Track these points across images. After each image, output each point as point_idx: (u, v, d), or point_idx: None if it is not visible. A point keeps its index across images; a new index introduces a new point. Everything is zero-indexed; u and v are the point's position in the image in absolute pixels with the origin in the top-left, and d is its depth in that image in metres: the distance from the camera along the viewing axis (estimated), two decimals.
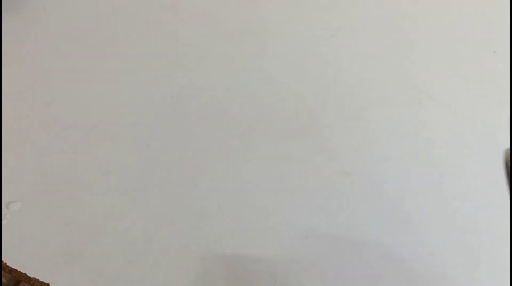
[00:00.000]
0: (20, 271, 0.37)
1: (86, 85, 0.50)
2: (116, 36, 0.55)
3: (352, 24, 0.57)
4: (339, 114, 0.48)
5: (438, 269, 0.38)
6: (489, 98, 0.49)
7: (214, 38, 0.55)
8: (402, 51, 0.54)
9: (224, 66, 0.52)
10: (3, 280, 0.37)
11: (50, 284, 0.37)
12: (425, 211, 0.41)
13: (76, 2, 0.59)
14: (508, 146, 0.23)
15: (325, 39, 0.55)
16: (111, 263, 0.38)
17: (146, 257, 0.39)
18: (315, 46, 0.55)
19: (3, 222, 0.40)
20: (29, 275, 0.37)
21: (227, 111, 0.48)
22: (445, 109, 0.48)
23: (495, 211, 0.41)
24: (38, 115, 0.47)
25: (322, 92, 0.50)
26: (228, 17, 0.57)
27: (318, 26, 0.57)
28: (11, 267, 0.38)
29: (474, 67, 0.52)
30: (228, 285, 0.37)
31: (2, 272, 0.37)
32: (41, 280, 0.37)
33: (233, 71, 0.52)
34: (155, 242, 0.39)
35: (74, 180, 0.43)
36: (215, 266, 0.38)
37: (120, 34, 0.55)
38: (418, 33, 0.56)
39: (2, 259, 0.38)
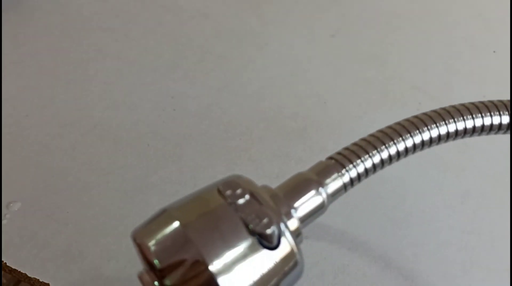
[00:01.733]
0: (20, 271, 0.37)
1: (85, 85, 0.50)
2: (116, 36, 0.55)
3: (352, 23, 0.57)
4: (339, 114, 0.48)
5: (438, 269, 0.38)
6: (489, 98, 0.49)
7: (213, 38, 0.55)
8: (402, 50, 0.54)
9: (223, 66, 0.52)
10: (3, 280, 0.37)
11: (50, 284, 0.37)
12: (425, 211, 0.41)
13: (76, 2, 0.59)
14: None
15: (325, 39, 0.55)
16: (111, 263, 0.38)
17: None
18: (315, 45, 0.55)
19: (2, 222, 0.40)
20: (29, 275, 0.37)
21: (227, 111, 0.48)
22: None
23: (495, 211, 0.41)
24: (37, 115, 0.47)
25: (322, 92, 0.50)
26: (227, 16, 0.57)
27: (318, 25, 0.57)
28: (11, 267, 0.37)
29: (474, 67, 0.52)
30: None
31: (2, 272, 0.37)
32: (41, 280, 0.37)
33: (232, 71, 0.52)
34: None
35: (74, 180, 0.43)
36: None
37: (120, 33, 0.55)
38: (418, 32, 0.56)
39: (2, 259, 0.38)
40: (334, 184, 0.23)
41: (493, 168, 0.44)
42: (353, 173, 0.23)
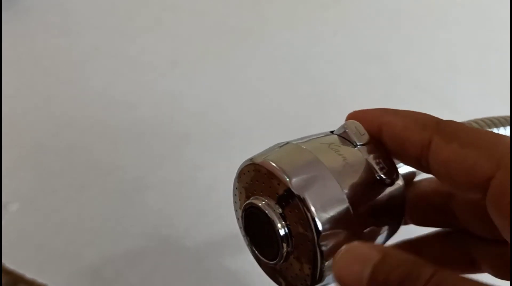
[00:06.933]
0: (17, 272, 0.37)
1: (83, 84, 0.50)
2: (115, 35, 0.55)
3: (353, 22, 0.57)
4: (340, 114, 0.48)
5: None
6: (491, 98, 0.49)
7: (213, 36, 0.55)
8: (404, 50, 0.54)
9: (223, 65, 0.52)
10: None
11: (48, 285, 0.37)
12: None
13: (75, 1, 0.58)
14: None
15: (326, 38, 0.55)
16: (109, 264, 0.38)
17: (145, 258, 0.38)
18: (316, 45, 0.54)
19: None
20: (27, 276, 0.37)
21: (226, 111, 0.48)
22: (447, 108, 0.48)
23: None
24: (35, 115, 0.47)
25: (323, 92, 0.50)
26: (227, 15, 0.57)
27: (319, 24, 0.56)
28: (8, 268, 0.37)
29: (476, 66, 0.52)
30: None
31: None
32: (39, 281, 0.37)
33: (232, 70, 0.52)
34: (154, 243, 0.39)
35: (72, 180, 0.43)
36: (214, 267, 0.38)
37: (119, 33, 0.55)
38: (420, 31, 0.56)
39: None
40: None
41: None
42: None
